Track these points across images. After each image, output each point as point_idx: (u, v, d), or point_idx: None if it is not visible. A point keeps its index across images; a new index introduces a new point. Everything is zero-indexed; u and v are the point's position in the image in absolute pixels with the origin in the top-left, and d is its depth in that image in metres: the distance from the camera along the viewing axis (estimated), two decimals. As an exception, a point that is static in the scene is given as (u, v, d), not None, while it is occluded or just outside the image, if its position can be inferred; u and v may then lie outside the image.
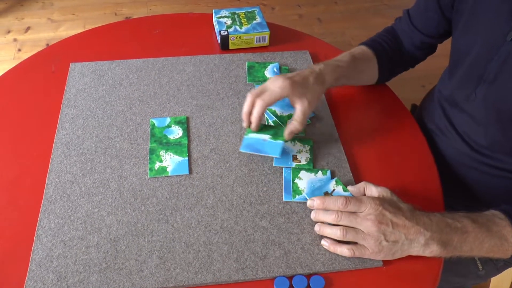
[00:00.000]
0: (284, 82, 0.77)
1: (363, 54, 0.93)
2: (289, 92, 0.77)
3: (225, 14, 1.11)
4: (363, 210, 0.67)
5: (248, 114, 0.80)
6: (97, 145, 0.83)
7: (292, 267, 0.67)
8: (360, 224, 0.67)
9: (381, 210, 0.66)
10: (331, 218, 0.68)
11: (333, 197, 0.70)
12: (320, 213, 0.70)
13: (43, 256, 0.67)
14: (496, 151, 0.83)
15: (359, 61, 0.91)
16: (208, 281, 0.65)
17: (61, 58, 1.02)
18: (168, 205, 0.74)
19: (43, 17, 2.50)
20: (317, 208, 0.71)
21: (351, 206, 0.68)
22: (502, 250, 0.68)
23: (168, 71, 0.99)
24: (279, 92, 0.77)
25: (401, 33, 0.97)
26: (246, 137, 0.81)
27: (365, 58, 0.93)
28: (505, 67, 0.75)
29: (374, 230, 0.66)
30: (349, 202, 0.68)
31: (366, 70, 0.93)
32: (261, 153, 0.80)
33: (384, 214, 0.66)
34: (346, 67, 0.87)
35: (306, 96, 0.79)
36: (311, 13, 2.61)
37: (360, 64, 0.91)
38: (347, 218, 0.67)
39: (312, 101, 0.80)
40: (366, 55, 0.93)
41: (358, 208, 0.68)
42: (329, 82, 0.84)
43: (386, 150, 0.86)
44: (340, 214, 0.68)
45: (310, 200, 0.72)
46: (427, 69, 1.43)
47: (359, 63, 0.91)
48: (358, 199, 0.68)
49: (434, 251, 0.66)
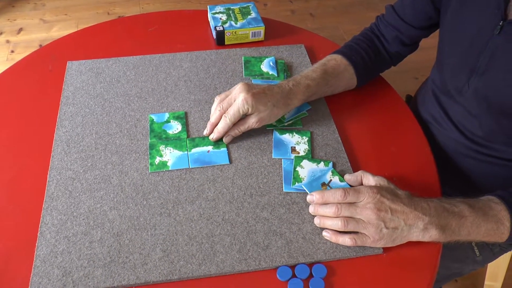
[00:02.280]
0: (249, 98, 0.80)
1: (336, 67, 0.91)
2: (250, 107, 0.80)
3: (220, 10, 1.11)
4: (362, 199, 0.68)
5: (213, 125, 0.83)
6: (97, 142, 0.84)
7: (294, 256, 0.68)
8: (360, 214, 0.68)
9: (379, 197, 0.68)
10: (331, 212, 0.69)
11: (331, 190, 0.71)
12: (320, 207, 0.71)
13: (48, 252, 0.68)
14: (491, 141, 0.84)
15: (331, 76, 0.89)
16: (211, 272, 0.66)
17: (58, 57, 1.02)
18: (170, 199, 0.75)
19: (35, 18, 2.50)
20: (317, 202, 0.72)
21: (349, 197, 0.69)
22: (498, 233, 0.69)
23: (165, 67, 1.00)
24: (241, 109, 0.80)
25: (384, 28, 0.97)
26: (190, 153, 0.81)
27: (337, 71, 0.91)
28: (494, 59, 0.76)
29: (374, 218, 0.67)
30: (347, 194, 0.69)
31: (340, 82, 0.92)
32: (211, 164, 0.80)
33: (382, 201, 0.67)
34: (315, 86, 0.87)
35: (260, 114, 0.81)
36: (303, 8, 2.62)
37: (332, 79, 0.90)
38: (347, 210, 0.68)
39: (263, 120, 0.82)
40: (339, 67, 0.91)
41: (356, 199, 0.69)
42: (295, 104, 0.85)
43: (383, 140, 0.87)
44: (340, 206, 0.69)
45: (309, 195, 0.73)
46: (420, 61, 1.45)
47: (330, 78, 0.89)
48: (355, 189, 0.69)
49: (433, 236, 0.67)
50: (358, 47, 0.95)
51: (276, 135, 0.85)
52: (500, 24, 0.74)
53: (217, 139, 0.83)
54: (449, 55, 0.86)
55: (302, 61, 1.03)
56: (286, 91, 0.84)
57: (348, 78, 0.93)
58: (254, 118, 0.82)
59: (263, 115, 0.81)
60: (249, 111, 0.81)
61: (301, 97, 0.86)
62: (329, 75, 0.89)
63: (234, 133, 0.83)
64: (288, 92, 0.84)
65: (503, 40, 0.74)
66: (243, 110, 0.80)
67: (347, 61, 0.92)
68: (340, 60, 0.92)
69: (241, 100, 0.80)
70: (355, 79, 0.93)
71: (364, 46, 0.95)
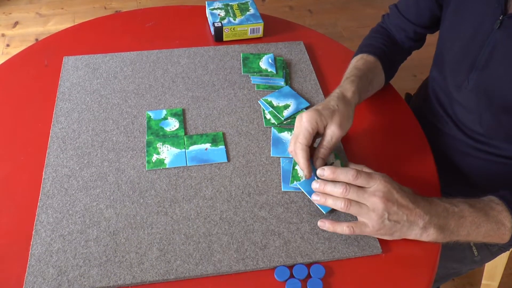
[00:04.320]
0: (309, 114, 0.73)
1: (368, 64, 0.88)
2: (317, 121, 0.73)
3: (218, 6, 1.10)
4: (372, 185, 0.67)
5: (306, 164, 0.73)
6: (94, 139, 0.82)
7: (292, 256, 0.68)
8: (367, 200, 0.66)
9: (389, 188, 0.66)
10: (339, 192, 0.67)
11: (344, 168, 0.68)
12: (328, 184, 0.69)
13: (43, 251, 0.67)
14: (491, 138, 0.84)
15: (367, 71, 0.86)
16: (209, 272, 0.66)
17: (54, 52, 1.01)
18: (167, 197, 0.74)
19: (31, 11, 2.47)
20: (327, 177, 0.69)
21: (361, 180, 0.67)
22: (499, 234, 0.69)
23: (162, 64, 0.99)
24: (308, 127, 0.72)
25: (393, 28, 0.97)
26: (187, 151, 0.80)
27: (371, 67, 0.88)
28: (494, 54, 0.76)
29: (380, 207, 0.65)
30: (359, 175, 0.67)
31: (375, 78, 0.89)
32: (209, 162, 0.79)
33: (392, 192, 0.66)
34: (359, 81, 0.82)
35: (333, 119, 0.73)
36: (302, 4, 2.60)
37: (370, 73, 0.87)
38: (355, 193, 0.67)
39: (342, 123, 0.74)
40: (370, 63, 0.89)
41: (367, 183, 0.67)
42: (353, 99, 0.79)
43: (383, 139, 0.86)
44: (348, 187, 0.67)
45: (320, 169, 0.70)
46: (418, 59, 1.43)
47: (369, 73, 0.86)
48: (368, 174, 0.67)
49: (431, 235, 0.66)
50: (377, 43, 0.93)
51: (275, 133, 0.85)
52: (500, 19, 0.73)
53: (309, 174, 0.73)
54: (449, 51, 0.86)
55: (301, 58, 1.02)
56: (335, 94, 0.78)
57: (379, 74, 0.90)
58: (330, 125, 0.73)
59: (336, 118, 0.73)
60: (318, 123, 0.73)
61: (353, 89, 0.79)
62: (366, 71, 0.86)
63: (322, 154, 0.74)
64: (338, 93, 0.78)
65: (503, 35, 0.74)
66: (311, 127, 0.72)
67: (375, 58, 0.89)
68: (368, 58, 0.89)
69: (304, 120, 0.73)
70: (383, 75, 0.91)
71: (381, 41, 0.94)
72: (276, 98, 0.91)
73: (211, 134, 0.84)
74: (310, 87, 0.95)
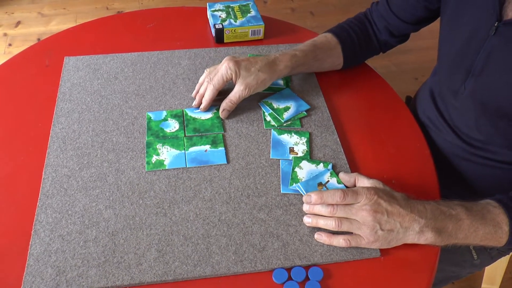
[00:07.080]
0: (229, 63, 0.84)
1: (326, 43, 0.94)
2: (233, 73, 0.83)
3: (219, 8, 1.10)
4: (359, 201, 0.68)
5: (201, 96, 0.87)
6: (94, 139, 0.83)
7: (290, 258, 0.68)
8: (356, 215, 0.67)
9: (376, 199, 0.67)
10: (327, 211, 0.68)
11: (330, 191, 0.70)
12: (317, 206, 0.70)
13: (41, 251, 0.67)
14: (488, 143, 0.84)
15: (320, 50, 0.93)
16: (207, 273, 0.66)
17: (55, 52, 1.01)
18: (166, 198, 0.74)
19: (33, 11, 2.48)
20: (315, 203, 0.70)
21: (348, 199, 0.68)
22: (496, 237, 0.69)
23: (163, 65, 0.99)
24: (224, 75, 0.84)
25: (376, 17, 0.98)
26: (187, 152, 0.80)
27: (327, 47, 0.94)
28: (490, 61, 0.76)
29: (369, 220, 0.66)
30: (346, 195, 0.68)
31: (328, 58, 0.95)
32: (208, 164, 0.79)
33: (379, 203, 0.67)
34: (303, 56, 0.90)
35: (246, 79, 0.84)
36: (303, 6, 2.61)
37: (321, 53, 0.93)
38: (342, 210, 0.68)
39: (251, 85, 0.84)
40: (328, 43, 0.94)
41: (354, 200, 0.68)
42: (281, 71, 0.88)
43: (382, 142, 0.86)
44: (336, 206, 0.68)
45: (306, 195, 0.72)
46: (420, 62, 1.44)
47: (319, 52, 0.93)
48: (354, 191, 0.68)
49: (429, 239, 0.66)
50: (349, 29, 0.97)
51: (275, 135, 0.85)
52: (495, 25, 0.74)
53: (205, 108, 0.86)
54: (446, 56, 0.86)
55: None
56: (271, 58, 0.87)
57: (335, 56, 0.95)
58: (241, 84, 0.84)
59: (249, 80, 0.84)
60: (232, 77, 0.84)
61: (288, 64, 0.88)
62: (318, 49, 0.93)
63: (227, 105, 0.85)
64: (273, 59, 0.87)
65: (499, 41, 0.74)
66: (227, 76, 0.84)
67: (337, 39, 0.95)
68: (330, 38, 0.95)
69: (224, 67, 0.84)
70: (341, 58, 0.96)
71: (356, 29, 0.97)
72: (276, 100, 0.91)
73: (211, 135, 0.84)
74: (311, 90, 0.95)
